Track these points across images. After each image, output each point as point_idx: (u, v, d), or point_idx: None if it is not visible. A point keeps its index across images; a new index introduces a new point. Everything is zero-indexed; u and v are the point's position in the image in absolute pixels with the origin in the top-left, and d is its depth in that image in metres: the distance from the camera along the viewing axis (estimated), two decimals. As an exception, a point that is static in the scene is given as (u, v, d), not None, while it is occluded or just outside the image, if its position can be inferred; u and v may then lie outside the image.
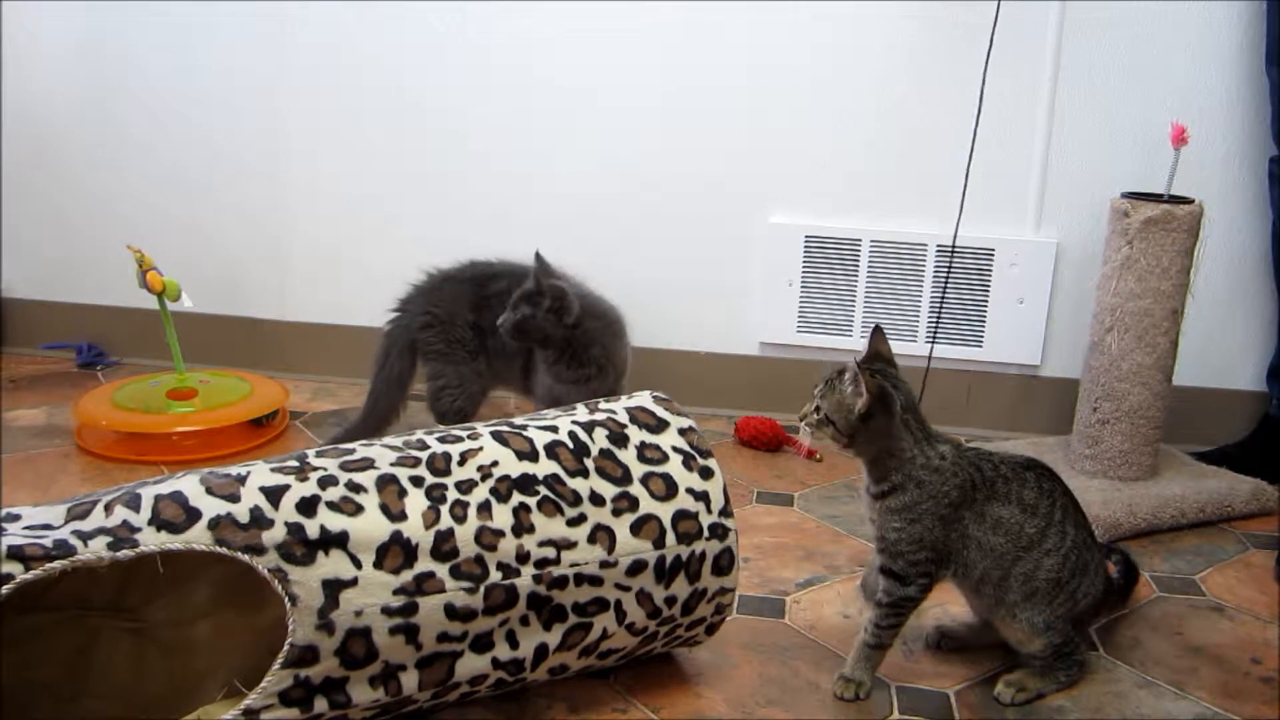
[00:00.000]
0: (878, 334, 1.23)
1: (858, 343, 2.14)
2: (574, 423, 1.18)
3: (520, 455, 1.11)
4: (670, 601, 1.14)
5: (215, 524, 0.96)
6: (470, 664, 1.05)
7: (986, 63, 1.93)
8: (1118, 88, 1.98)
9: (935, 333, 2.08)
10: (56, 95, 2.35)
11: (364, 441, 1.13)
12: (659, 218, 2.17)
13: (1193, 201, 1.74)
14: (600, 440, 1.16)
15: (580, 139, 2.17)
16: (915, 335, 2.12)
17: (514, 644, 1.06)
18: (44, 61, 2.33)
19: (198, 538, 0.95)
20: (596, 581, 1.09)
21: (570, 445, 1.14)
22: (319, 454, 1.08)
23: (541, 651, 1.08)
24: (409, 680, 1.02)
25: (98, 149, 2.35)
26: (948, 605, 1.43)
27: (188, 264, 2.22)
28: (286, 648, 0.96)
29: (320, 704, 0.98)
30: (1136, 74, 1.97)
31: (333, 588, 0.97)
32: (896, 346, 2.12)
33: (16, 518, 0.97)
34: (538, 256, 1.79)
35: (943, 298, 2.07)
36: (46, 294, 2.45)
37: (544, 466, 1.11)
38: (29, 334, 2.46)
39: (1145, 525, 1.67)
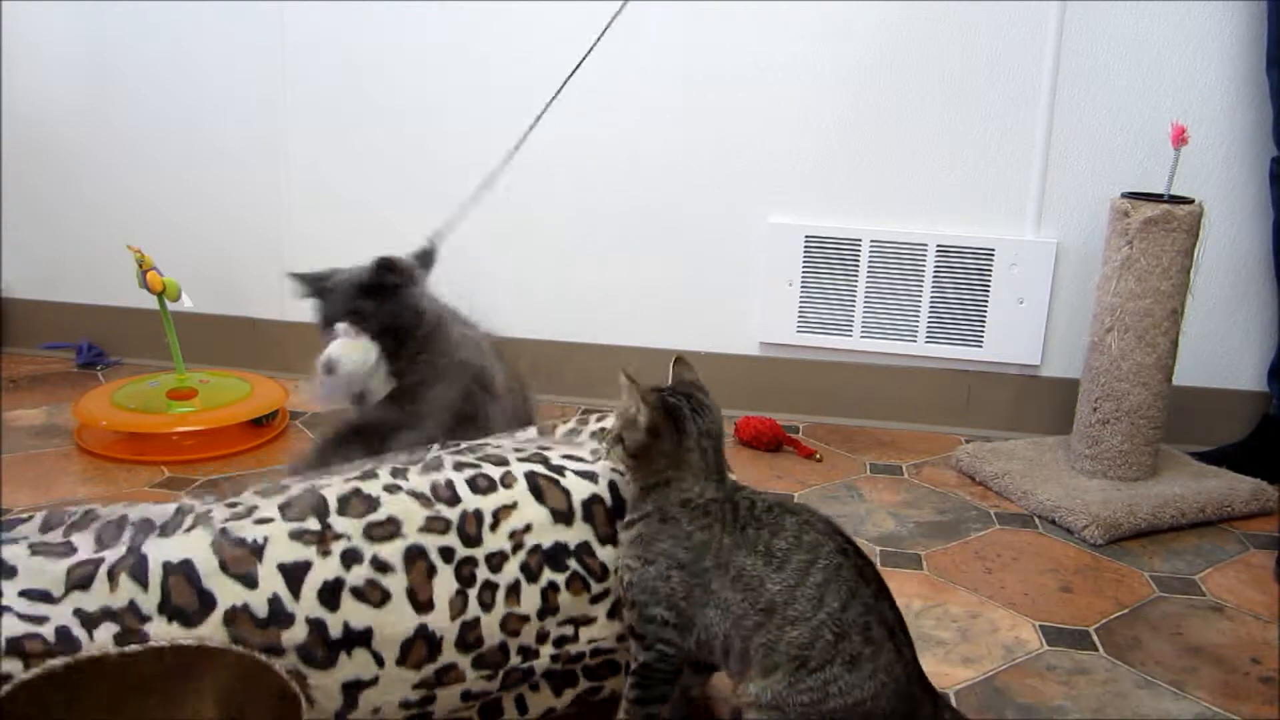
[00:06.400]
0: (679, 363, 1.09)
1: (858, 342, 2.14)
2: (613, 469, 1.10)
3: (556, 516, 1.05)
4: None
5: (231, 619, 0.89)
6: None
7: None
8: (1118, 88, 1.98)
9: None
10: (57, 96, 2.35)
11: (390, 471, 1.05)
12: (659, 218, 2.17)
13: (1193, 201, 1.74)
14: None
15: (578, 139, 2.17)
16: (915, 335, 2.12)
17: (522, 709, 1.06)
18: (44, 62, 2.33)
19: (212, 633, 0.88)
20: (610, 652, 1.08)
21: (608, 501, 1.07)
22: (341, 506, 0.99)
23: (549, 712, 1.08)
24: None
25: (98, 149, 2.35)
26: (948, 605, 1.43)
27: (188, 264, 2.22)
28: None
29: None
30: (1136, 74, 1.97)
31: (352, 689, 0.94)
32: (896, 347, 2.15)
33: (15, 523, 0.92)
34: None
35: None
36: (46, 294, 2.45)
37: (578, 532, 1.05)
38: (29, 334, 2.46)
39: (1145, 525, 1.67)
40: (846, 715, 0.93)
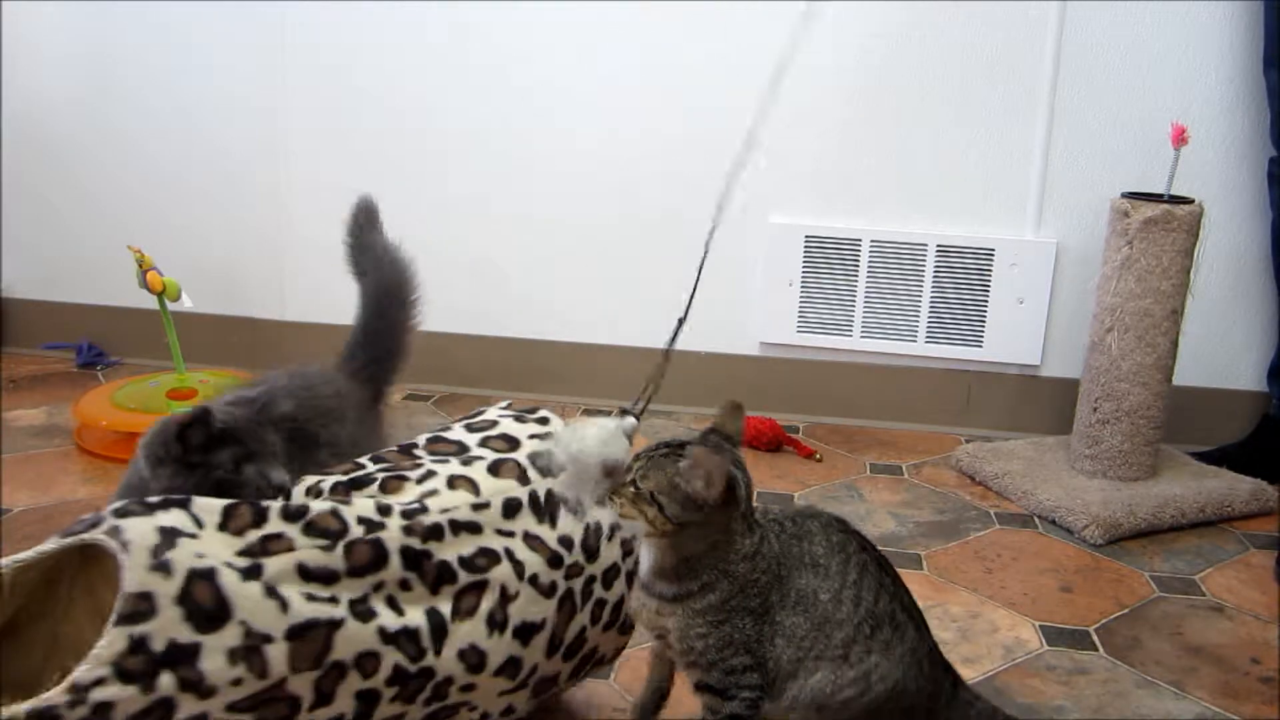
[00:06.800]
0: (733, 408, 1.03)
1: (858, 342, 2.14)
2: (397, 444, 1.11)
3: (347, 472, 1.03)
4: (566, 544, 1.04)
5: (69, 531, 0.87)
6: (353, 635, 0.88)
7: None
8: (1118, 88, 1.98)
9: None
10: (56, 96, 2.35)
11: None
12: (659, 218, 2.17)
13: (1193, 201, 1.74)
14: (423, 438, 1.10)
15: (579, 139, 2.17)
16: (915, 335, 2.12)
17: (398, 609, 0.92)
18: (44, 62, 2.33)
19: (46, 545, 0.87)
20: (474, 528, 0.98)
21: (396, 449, 1.08)
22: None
23: (438, 622, 0.94)
24: (276, 654, 0.84)
25: (98, 149, 2.35)
26: (948, 605, 1.43)
27: (188, 264, 2.22)
28: (119, 600, 0.79)
29: (166, 680, 0.79)
30: (1136, 74, 1.97)
31: (169, 533, 0.85)
32: (896, 347, 2.15)
33: None
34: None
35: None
36: (46, 294, 2.45)
37: (373, 468, 1.03)
38: (29, 334, 2.46)
39: (1145, 525, 1.67)
40: (885, 700, 0.95)
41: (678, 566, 0.95)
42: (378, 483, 0.99)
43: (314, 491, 0.99)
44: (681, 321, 1.22)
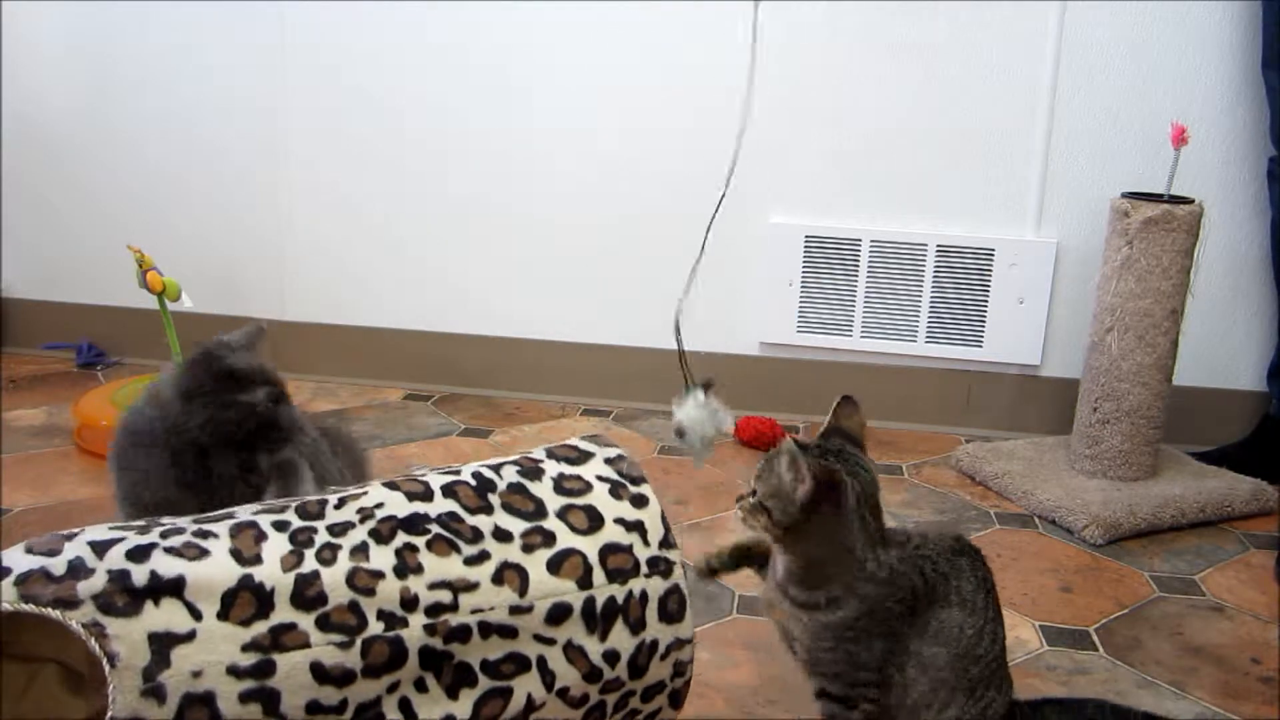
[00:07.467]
0: (847, 404, 1.04)
1: (858, 342, 2.14)
2: (481, 465, 1.03)
3: (411, 497, 0.95)
4: (611, 659, 0.94)
5: (24, 579, 0.79)
6: None
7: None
8: (1118, 88, 1.98)
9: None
10: (56, 96, 2.35)
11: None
12: (658, 217, 2.17)
13: (1193, 201, 1.74)
14: (509, 476, 1.01)
15: (579, 139, 2.17)
16: (915, 335, 2.12)
17: (410, 716, 0.87)
18: (44, 62, 2.33)
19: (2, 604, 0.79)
20: (509, 632, 0.90)
21: (473, 484, 0.98)
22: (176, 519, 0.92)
23: None
24: None
25: (98, 150, 2.35)
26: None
27: (188, 264, 2.22)
28: None
29: None
30: (1136, 74, 1.97)
31: (162, 643, 0.79)
32: (896, 347, 2.15)
33: None
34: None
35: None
36: (46, 294, 2.45)
37: (438, 505, 0.95)
38: (29, 334, 2.46)
39: (1145, 525, 1.67)
40: None
41: (804, 575, 0.96)
42: (428, 538, 0.92)
43: (366, 514, 0.94)
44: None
